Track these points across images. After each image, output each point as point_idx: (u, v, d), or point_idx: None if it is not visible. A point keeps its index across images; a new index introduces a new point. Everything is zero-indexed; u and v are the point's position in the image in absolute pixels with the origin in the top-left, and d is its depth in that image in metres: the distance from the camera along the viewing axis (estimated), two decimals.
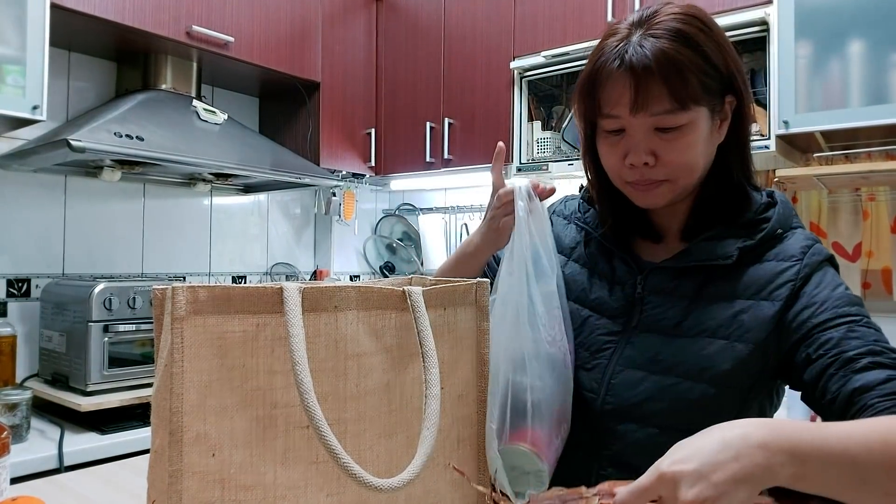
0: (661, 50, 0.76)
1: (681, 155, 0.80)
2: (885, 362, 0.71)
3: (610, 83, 0.79)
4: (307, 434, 0.57)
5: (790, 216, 0.88)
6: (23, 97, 1.61)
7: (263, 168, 2.12)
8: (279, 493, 0.57)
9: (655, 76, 0.76)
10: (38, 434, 1.64)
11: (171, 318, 0.53)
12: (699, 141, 0.80)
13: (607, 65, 0.79)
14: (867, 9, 1.61)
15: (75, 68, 2.10)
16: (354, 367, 0.61)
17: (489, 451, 0.74)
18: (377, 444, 0.62)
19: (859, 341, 0.73)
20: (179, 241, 2.38)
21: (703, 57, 0.78)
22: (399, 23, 2.64)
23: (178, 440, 0.53)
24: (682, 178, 0.82)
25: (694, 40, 0.77)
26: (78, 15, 1.79)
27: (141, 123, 1.86)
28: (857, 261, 1.91)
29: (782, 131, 1.68)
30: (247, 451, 0.56)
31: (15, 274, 1.96)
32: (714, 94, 0.80)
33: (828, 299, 0.79)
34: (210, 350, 0.55)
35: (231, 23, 2.16)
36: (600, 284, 0.92)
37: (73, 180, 2.10)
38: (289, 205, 2.78)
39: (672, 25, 0.77)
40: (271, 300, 0.57)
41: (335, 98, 2.53)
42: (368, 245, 2.99)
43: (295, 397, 0.55)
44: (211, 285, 0.56)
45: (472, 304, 0.72)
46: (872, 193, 1.90)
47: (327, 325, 0.60)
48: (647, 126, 0.79)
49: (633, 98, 0.77)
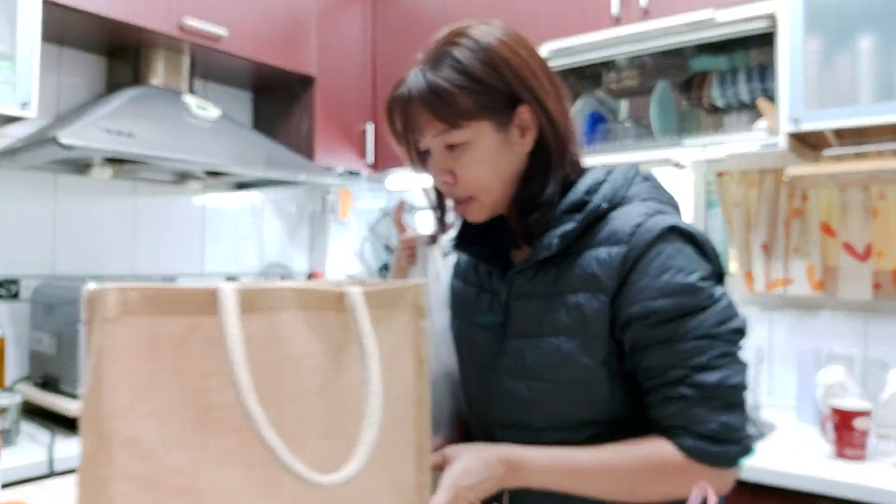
0: (424, 76, 0.81)
1: (470, 170, 0.83)
2: (674, 395, 0.77)
3: (395, 112, 0.86)
4: (243, 437, 0.57)
5: (622, 188, 0.85)
6: (12, 93, 1.57)
7: (257, 166, 2.08)
8: (214, 496, 0.56)
9: (416, 103, 0.82)
10: (28, 439, 1.60)
11: (101, 319, 0.53)
12: (487, 156, 0.83)
13: (394, 95, 0.86)
14: (877, 3, 1.58)
15: (66, 64, 2.05)
16: (291, 369, 0.61)
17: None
18: (314, 446, 0.62)
19: (656, 370, 0.79)
20: (171, 240, 2.34)
21: (467, 77, 0.80)
22: (397, 15, 2.59)
23: (107, 444, 0.52)
24: (483, 195, 0.85)
25: (458, 61, 0.81)
26: (68, 9, 1.75)
27: (132, 120, 1.82)
28: (868, 261, 1.88)
29: (792, 128, 1.65)
30: (180, 454, 0.55)
31: (4, 275, 1.92)
32: (494, 108, 0.82)
33: (644, 289, 0.78)
34: (141, 352, 0.54)
35: (224, 15, 2.11)
36: (484, 298, 0.94)
37: (63, 178, 2.05)
38: (283, 203, 2.73)
39: (441, 50, 0.83)
40: (206, 301, 0.56)
41: (331, 93, 2.48)
42: (366, 245, 2.94)
43: (230, 400, 0.55)
44: (143, 286, 0.54)
45: (411, 305, 0.73)
46: (883, 192, 1.87)
47: (264, 325, 0.59)
48: (439, 146, 0.84)
49: (404, 123, 0.84)
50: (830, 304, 1.99)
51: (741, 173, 2.08)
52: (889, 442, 1.59)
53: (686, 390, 0.76)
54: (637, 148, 1.95)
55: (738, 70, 1.92)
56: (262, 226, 2.64)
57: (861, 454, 1.53)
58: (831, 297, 1.97)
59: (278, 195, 2.70)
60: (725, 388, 0.76)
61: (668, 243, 0.78)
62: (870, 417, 1.55)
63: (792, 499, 1.46)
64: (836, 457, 1.55)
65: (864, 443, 1.53)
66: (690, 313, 0.77)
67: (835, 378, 1.71)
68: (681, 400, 0.77)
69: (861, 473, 1.44)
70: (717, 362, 0.76)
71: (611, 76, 2.14)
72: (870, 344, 1.92)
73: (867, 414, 1.54)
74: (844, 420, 1.54)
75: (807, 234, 1.99)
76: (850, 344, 1.93)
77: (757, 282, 2.05)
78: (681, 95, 2.05)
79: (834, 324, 1.98)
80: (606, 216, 0.83)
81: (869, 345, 1.92)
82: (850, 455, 1.53)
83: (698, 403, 0.76)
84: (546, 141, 0.85)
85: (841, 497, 1.40)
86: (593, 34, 1.97)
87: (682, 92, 2.04)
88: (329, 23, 2.47)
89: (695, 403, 0.76)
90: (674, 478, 0.77)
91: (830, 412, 1.58)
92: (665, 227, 0.79)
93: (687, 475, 0.76)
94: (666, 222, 0.80)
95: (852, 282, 1.90)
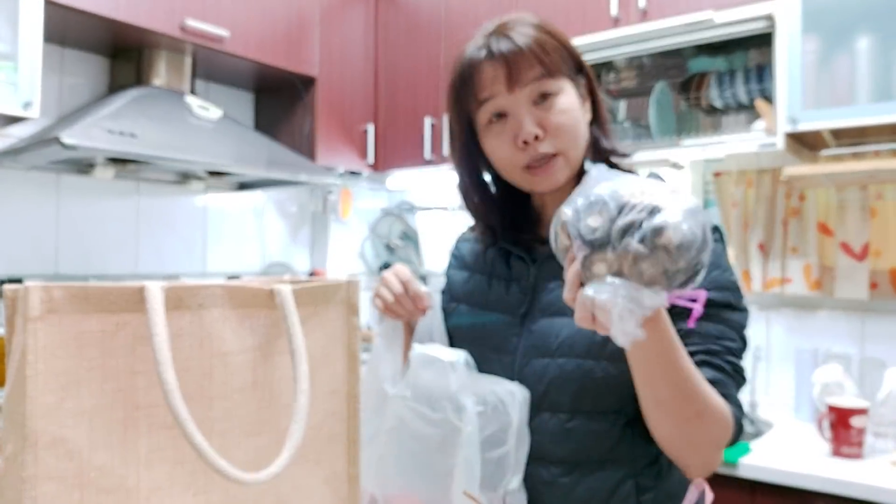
0: (524, 34, 0.86)
1: (562, 116, 0.86)
2: (715, 363, 0.80)
3: (482, 72, 0.87)
4: (172, 434, 0.57)
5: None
6: (15, 94, 1.58)
7: (259, 166, 2.09)
8: (143, 494, 0.56)
9: (523, 52, 0.85)
10: None
11: (23, 318, 0.52)
12: (575, 106, 0.88)
13: (475, 59, 0.88)
14: (875, 3, 1.59)
15: (68, 64, 2.06)
16: (220, 366, 0.61)
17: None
18: (245, 442, 0.62)
19: (702, 337, 0.81)
20: (173, 239, 2.35)
21: (556, 40, 0.88)
22: (398, 17, 2.60)
23: (32, 444, 0.51)
24: (571, 149, 0.87)
25: (546, 29, 0.89)
26: (71, 10, 1.75)
27: (134, 120, 1.83)
28: (865, 260, 1.89)
29: (790, 129, 1.66)
30: (107, 453, 0.55)
31: (7, 274, 1.93)
32: (572, 71, 0.90)
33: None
34: (66, 351, 0.53)
35: (226, 16, 2.12)
36: (498, 285, 0.96)
37: (65, 178, 2.06)
38: (285, 203, 2.74)
39: (526, 20, 0.89)
40: (132, 299, 0.56)
41: (332, 93, 2.49)
42: (366, 244, 2.96)
43: (158, 398, 0.55)
44: (67, 284, 0.54)
45: (343, 302, 0.72)
46: (880, 192, 1.87)
47: (192, 323, 0.59)
48: (526, 100, 0.86)
49: (507, 74, 0.85)
50: (828, 304, 2.00)
51: (739, 173, 2.09)
52: (886, 440, 1.60)
53: (723, 363, 0.81)
54: (635, 148, 1.96)
55: (736, 71, 1.93)
56: (263, 225, 2.65)
57: (858, 452, 1.54)
58: (828, 297, 1.98)
59: (280, 195, 2.71)
60: (742, 379, 0.84)
61: (714, 242, 0.83)
62: (867, 416, 1.56)
63: (790, 496, 1.48)
64: (833, 455, 1.56)
65: (862, 441, 1.55)
66: (732, 307, 0.84)
67: (832, 377, 1.72)
68: (719, 370, 0.81)
69: (858, 471, 1.45)
70: (740, 354, 0.84)
71: (610, 77, 2.15)
72: (867, 343, 1.92)
73: (864, 412, 1.55)
74: (842, 418, 1.55)
75: (804, 233, 2.00)
76: (847, 343, 1.94)
77: (754, 281, 2.06)
78: (679, 96, 2.06)
79: (831, 323, 1.99)
80: None
81: (866, 344, 1.92)
82: (847, 453, 1.54)
83: (730, 379, 0.81)
84: (599, 115, 0.94)
85: (838, 494, 1.41)
86: (592, 35, 1.98)
87: (680, 93, 2.05)
88: (331, 24, 2.48)
89: (728, 377, 0.81)
90: (718, 423, 0.77)
91: (827, 410, 1.59)
92: (713, 226, 0.85)
93: (722, 426, 0.78)
94: (711, 221, 0.85)
95: (849, 281, 1.91)
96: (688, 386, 0.73)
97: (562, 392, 0.85)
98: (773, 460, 1.52)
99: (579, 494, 0.85)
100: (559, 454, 0.86)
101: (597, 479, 0.85)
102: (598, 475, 0.85)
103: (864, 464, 1.51)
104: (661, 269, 0.60)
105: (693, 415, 0.75)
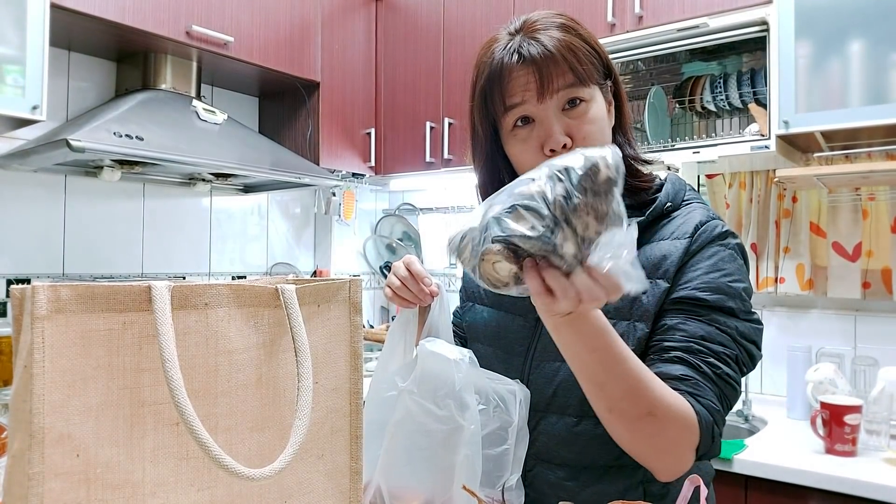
0: (555, 38, 0.82)
1: (591, 126, 0.83)
2: (690, 361, 0.78)
3: (512, 77, 0.84)
4: (177, 431, 0.58)
5: (681, 191, 0.92)
6: (22, 97, 1.61)
7: (263, 168, 2.12)
8: (148, 490, 0.57)
9: (556, 57, 0.82)
10: None
11: (31, 317, 0.53)
12: (602, 115, 0.86)
13: (505, 62, 0.84)
14: (867, 8, 1.61)
15: (75, 68, 2.10)
16: (226, 364, 0.61)
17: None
18: (249, 438, 0.63)
19: (683, 335, 0.80)
20: (179, 240, 2.38)
21: (587, 43, 0.85)
22: (399, 22, 2.64)
23: (39, 442, 0.52)
24: None
25: (576, 31, 0.85)
26: (78, 15, 1.79)
27: (141, 123, 1.86)
28: (858, 261, 1.91)
29: (782, 131, 1.68)
30: (113, 450, 0.55)
31: (15, 274, 1.96)
32: (601, 76, 0.87)
33: (693, 279, 0.82)
34: (73, 349, 0.54)
35: (231, 22, 2.16)
36: None
37: (72, 180, 2.09)
38: (289, 205, 2.78)
39: (554, 21, 0.85)
40: (139, 298, 0.57)
41: (335, 98, 2.53)
42: (368, 245, 2.99)
43: (164, 395, 0.56)
44: (74, 283, 0.55)
45: (346, 300, 0.73)
46: (872, 193, 1.90)
47: (198, 322, 0.60)
48: (555, 107, 0.83)
49: (539, 82, 0.82)
50: (820, 303, 2.02)
51: (731, 175, 2.12)
52: (879, 437, 1.62)
53: (700, 363, 0.78)
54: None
55: (730, 75, 1.96)
56: (268, 227, 2.69)
57: (852, 449, 1.56)
58: (821, 296, 2.01)
59: (284, 197, 2.75)
60: (728, 387, 0.79)
61: (723, 248, 0.85)
62: (860, 413, 1.58)
63: (784, 492, 1.49)
64: (826, 452, 1.58)
65: (855, 438, 1.56)
66: (726, 311, 0.81)
67: (825, 375, 1.74)
68: (693, 368, 0.78)
69: (852, 468, 1.47)
70: (730, 361, 0.79)
71: None
72: (859, 342, 1.95)
73: (858, 410, 1.57)
74: (835, 416, 1.57)
75: (797, 234, 2.02)
76: (840, 342, 1.97)
77: None
78: (673, 100, 2.09)
79: (824, 322, 2.01)
80: (668, 213, 0.89)
81: (859, 342, 1.95)
82: (840, 450, 1.56)
83: (707, 381, 0.78)
84: (623, 120, 0.92)
85: (832, 490, 1.43)
86: None
87: (674, 96, 2.08)
88: (333, 30, 2.52)
89: (705, 378, 0.78)
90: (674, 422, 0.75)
91: (821, 408, 1.60)
92: (723, 231, 0.86)
93: (679, 426, 0.75)
94: (723, 227, 0.87)
95: (842, 281, 1.93)
96: (631, 381, 0.71)
97: (570, 395, 0.85)
98: (767, 457, 1.53)
99: (586, 499, 0.85)
100: (566, 457, 0.87)
101: (604, 485, 0.85)
102: (605, 481, 0.86)
103: (857, 461, 1.52)
104: (614, 198, 0.59)
105: (644, 413, 0.72)
